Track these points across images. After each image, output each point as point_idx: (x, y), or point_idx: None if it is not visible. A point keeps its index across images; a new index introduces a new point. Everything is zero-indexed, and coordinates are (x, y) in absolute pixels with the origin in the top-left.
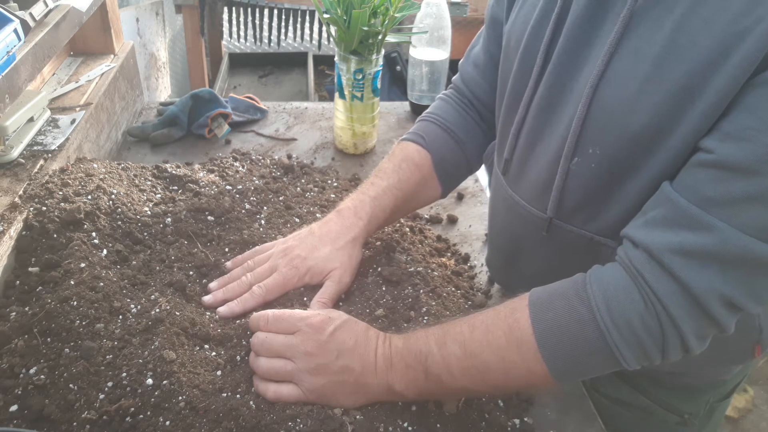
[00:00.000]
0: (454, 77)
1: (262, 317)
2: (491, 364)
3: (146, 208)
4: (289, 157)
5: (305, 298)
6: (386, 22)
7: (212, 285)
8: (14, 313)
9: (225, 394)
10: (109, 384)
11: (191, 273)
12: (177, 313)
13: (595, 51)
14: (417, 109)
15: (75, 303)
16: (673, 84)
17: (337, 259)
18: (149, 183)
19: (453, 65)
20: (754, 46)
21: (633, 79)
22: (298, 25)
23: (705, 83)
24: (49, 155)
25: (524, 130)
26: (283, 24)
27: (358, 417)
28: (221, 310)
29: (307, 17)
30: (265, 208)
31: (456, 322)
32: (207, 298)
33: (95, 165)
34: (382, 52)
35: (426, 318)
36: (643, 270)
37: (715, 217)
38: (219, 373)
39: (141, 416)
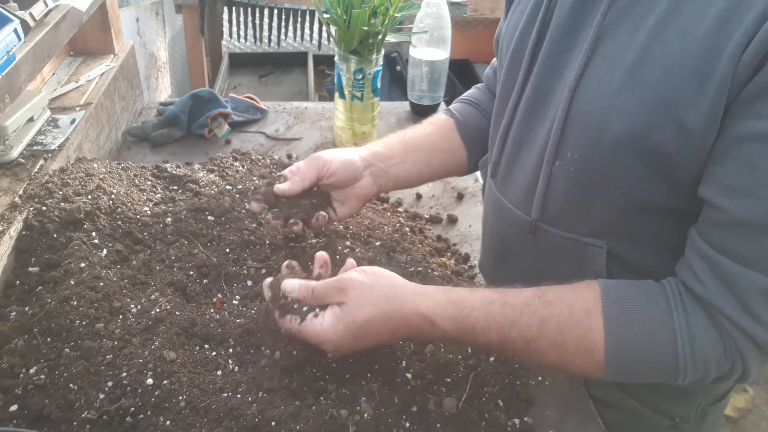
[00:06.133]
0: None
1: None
2: (552, 361)
3: (146, 208)
4: (289, 157)
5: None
6: (386, 22)
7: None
8: (14, 313)
9: (225, 394)
10: (109, 384)
11: (191, 273)
12: (177, 313)
13: (575, 55)
14: (417, 109)
15: (75, 303)
16: (647, 92)
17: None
18: (149, 183)
19: (453, 65)
20: (727, 63)
21: (608, 84)
22: (298, 25)
23: (680, 94)
24: (49, 155)
25: (511, 134)
26: (283, 24)
27: (364, 417)
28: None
29: (307, 17)
30: None
31: (525, 309)
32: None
33: (95, 165)
34: (382, 52)
35: None
36: (723, 322)
37: (762, 273)
38: (219, 372)
39: (141, 416)
